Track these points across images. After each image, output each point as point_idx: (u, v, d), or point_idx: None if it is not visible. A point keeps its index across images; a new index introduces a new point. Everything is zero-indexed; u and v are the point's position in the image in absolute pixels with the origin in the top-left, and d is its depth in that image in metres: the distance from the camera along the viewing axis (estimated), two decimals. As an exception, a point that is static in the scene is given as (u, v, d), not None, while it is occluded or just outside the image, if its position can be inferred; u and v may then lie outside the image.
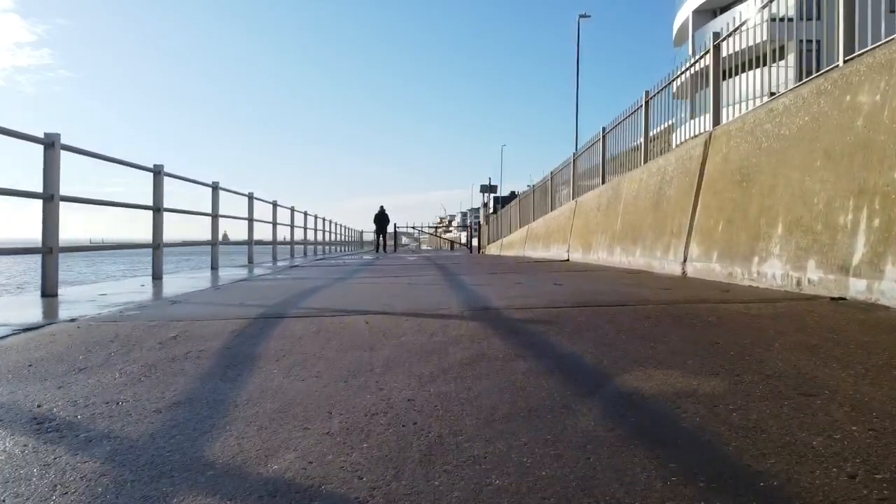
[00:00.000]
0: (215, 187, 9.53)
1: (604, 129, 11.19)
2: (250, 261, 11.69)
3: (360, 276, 7.19)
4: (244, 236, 11.80)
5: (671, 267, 5.96)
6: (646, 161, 8.47)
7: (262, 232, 14.54)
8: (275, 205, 14.05)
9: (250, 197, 11.76)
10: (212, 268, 9.36)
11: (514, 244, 17.86)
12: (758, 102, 5.46)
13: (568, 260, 10.43)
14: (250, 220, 11.72)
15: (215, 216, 9.49)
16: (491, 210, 30.13)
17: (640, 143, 8.85)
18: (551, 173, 15.57)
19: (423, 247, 60.74)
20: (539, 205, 16.52)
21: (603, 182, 10.91)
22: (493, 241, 25.07)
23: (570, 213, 11.01)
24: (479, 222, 31.30)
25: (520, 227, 19.06)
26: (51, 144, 5.02)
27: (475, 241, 31.38)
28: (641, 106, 8.91)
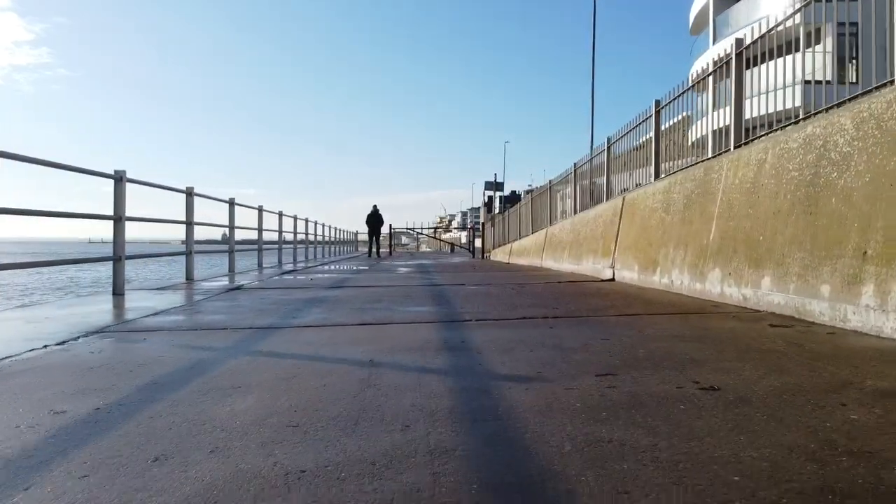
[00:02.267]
0: (119, 178, 6.72)
1: (658, 102, 8.39)
2: (189, 277, 8.88)
3: (308, 319, 4.38)
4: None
5: (870, 319, 3.15)
6: (738, 140, 5.67)
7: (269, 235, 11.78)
8: (232, 203, 11.24)
9: (189, 193, 8.95)
10: (113, 293, 6.56)
11: (528, 251, 15.03)
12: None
13: (613, 280, 7.61)
14: (189, 223, 8.91)
15: (119, 219, 6.68)
16: (497, 209, 27.28)
17: (730, 115, 6.03)
18: (574, 165, 12.77)
19: (423, 248, 57.85)
20: (560, 204, 13.69)
21: (657, 175, 8.10)
22: (500, 246, 22.23)
23: (614, 214, 8.19)
24: (481, 223, 28.49)
25: (534, 231, 16.22)
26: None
27: (478, 243, 28.61)
28: (731, 59, 6.09)
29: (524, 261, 15.09)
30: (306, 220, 19.74)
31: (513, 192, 58.89)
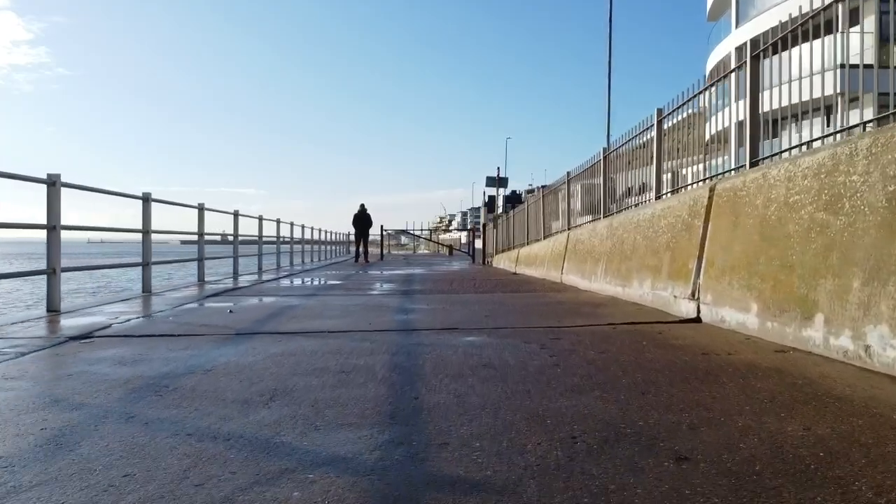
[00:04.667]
0: None
1: (755, 43, 5.48)
2: (51, 308, 5.96)
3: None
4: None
5: None
6: None
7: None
8: (147, 200, 8.32)
9: (52, 183, 6.03)
10: None
11: (541, 260, 12.12)
12: None
13: (699, 320, 4.71)
14: (51, 228, 6.00)
15: None
16: (500, 208, 24.36)
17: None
18: (603, 151, 9.87)
19: (422, 248, 54.80)
20: (587, 201, 10.79)
21: (753, 156, 5.25)
22: (504, 251, 19.32)
23: (692, 215, 5.30)
24: (482, 224, 25.59)
25: (546, 236, 13.31)
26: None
27: (478, 244, 25.77)
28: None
29: (535, 272, 12.19)
30: (277, 222, 16.81)
31: (513, 192, 55.90)
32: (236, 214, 12.74)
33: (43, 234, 6.19)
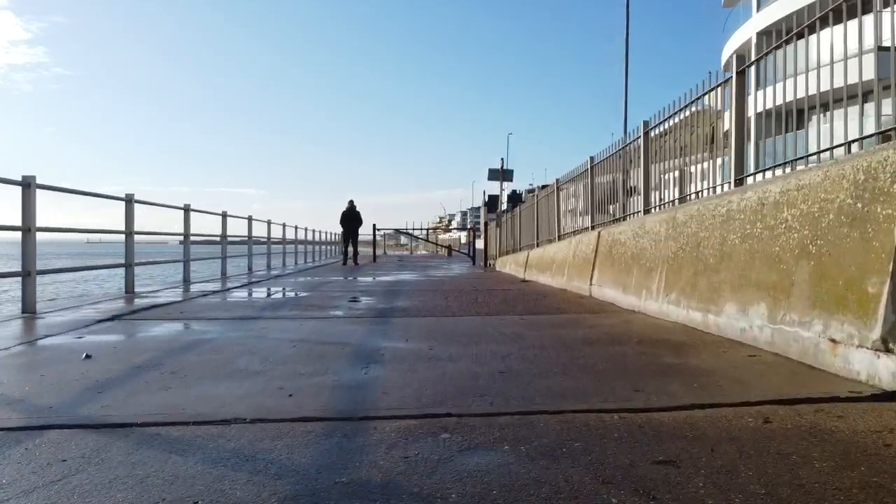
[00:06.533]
0: None
1: None
2: None
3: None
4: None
5: None
6: None
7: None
8: (28, 185, 6.03)
9: None
10: None
11: (558, 265, 9.85)
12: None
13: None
14: None
15: None
16: (504, 206, 22.09)
17: None
18: (644, 125, 7.57)
19: (420, 250, 52.41)
20: (628, 187, 8.52)
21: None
22: (509, 253, 17.05)
23: (865, 197, 3.03)
24: (482, 223, 23.36)
25: (560, 237, 11.05)
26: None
27: (479, 244, 23.55)
28: None
29: (552, 280, 9.94)
30: (249, 219, 14.54)
31: (514, 192, 53.55)
32: (187, 209, 10.50)
33: None
